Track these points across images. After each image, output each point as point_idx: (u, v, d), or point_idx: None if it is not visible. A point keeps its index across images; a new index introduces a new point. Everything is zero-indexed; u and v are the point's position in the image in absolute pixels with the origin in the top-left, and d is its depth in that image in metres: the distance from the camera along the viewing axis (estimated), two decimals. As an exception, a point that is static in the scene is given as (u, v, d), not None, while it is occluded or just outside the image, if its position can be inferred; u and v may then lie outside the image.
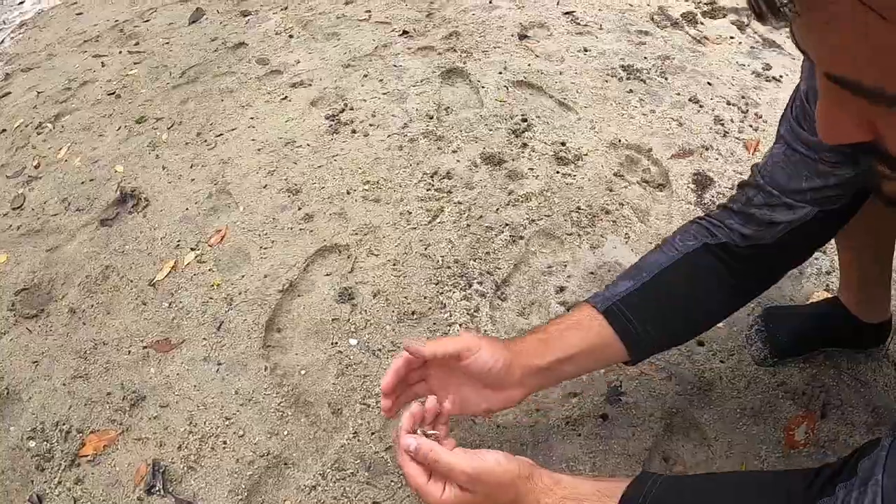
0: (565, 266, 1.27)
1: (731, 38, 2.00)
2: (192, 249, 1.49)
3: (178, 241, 1.51)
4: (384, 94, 1.74)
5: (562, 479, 0.70)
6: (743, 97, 1.75)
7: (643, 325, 0.79)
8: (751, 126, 1.66)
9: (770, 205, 0.76)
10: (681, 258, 0.80)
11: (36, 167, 1.95)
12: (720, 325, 1.25)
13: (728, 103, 1.72)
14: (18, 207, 1.85)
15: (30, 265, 1.59)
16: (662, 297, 0.81)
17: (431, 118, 1.63)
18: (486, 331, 1.20)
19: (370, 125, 1.64)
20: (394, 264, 1.31)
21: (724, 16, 2.12)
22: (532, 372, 0.79)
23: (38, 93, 2.33)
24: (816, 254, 1.38)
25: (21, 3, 3.45)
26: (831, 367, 1.15)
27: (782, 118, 0.78)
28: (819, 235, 0.82)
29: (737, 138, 1.61)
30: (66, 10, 3.01)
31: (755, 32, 2.07)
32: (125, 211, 1.67)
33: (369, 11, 2.12)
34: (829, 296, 1.27)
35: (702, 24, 2.05)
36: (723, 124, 1.64)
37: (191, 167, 1.69)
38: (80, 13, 2.87)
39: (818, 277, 1.34)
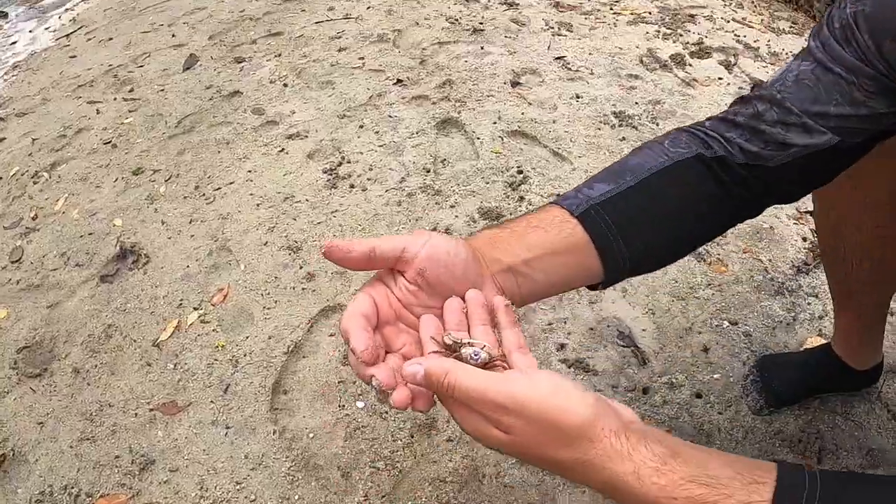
0: (565, 322, 1.34)
1: (720, 78, 2.09)
2: (194, 309, 1.53)
3: (181, 300, 1.56)
4: (380, 146, 1.81)
5: (680, 448, 0.48)
6: (731, 141, 1.83)
7: (624, 237, 0.67)
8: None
9: (785, 123, 0.69)
10: (671, 165, 0.70)
11: (33, 219, 2.00)
12: (716, 375, 1.31)
13: (717, 148, 1.80)
14: (17, 261, 1.89)
15: (31, 322, 1.64)
16: (649, 207, 0.69)
17: (428, 171, 1.69)
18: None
19: (368, 179, 1.71)
20: (396, 323, 1.37)
21: (711, 55, 2.22)
22: (500, 269, 0.63)
23: (34, 139, 2.39)
24: (809, 299, 1.46)
25: (13, 43, 3.52)
26: (826, 412, 1.22)
27: (814, 35, 0.72)
28: (831, 168, 0.74)
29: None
30: (60, 52, 3.07)
31: (742, 72, 2.16)
32: (125, 267, 1.72)
33: (363, 59, 2.19)
34: (823, 341, 1.33)
35: (690, 65, 2.14)
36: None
37: (190, 222, 1.74)
38: (74, 56, 2.93)
39: (811, 323, 1.41)
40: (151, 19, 2.97)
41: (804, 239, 1.58)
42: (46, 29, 3.39)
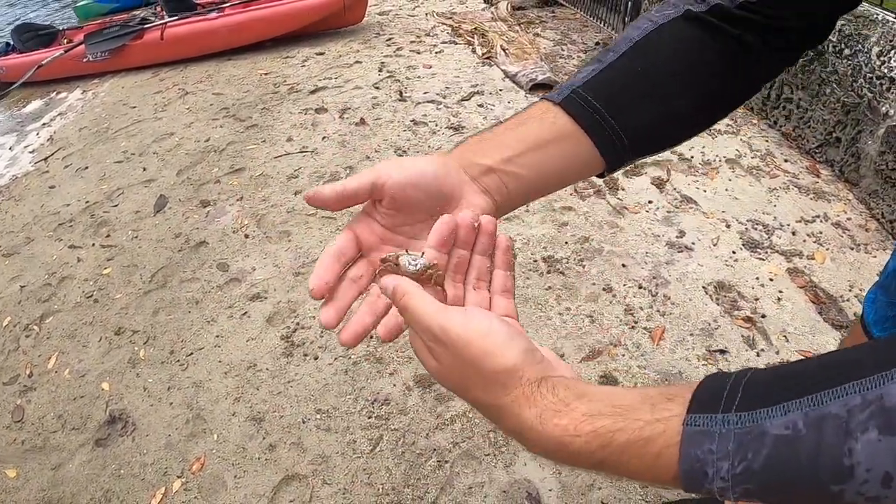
0: (482, 486, 1.74)
1: (650, 202, 2.48)
2: (178, 477, 1.96)
3: (166, 468, 1.99)
4: (331, 309, 2.23)
5: (589, 390, 0.49)
6: (654, 277, 2.22)
7: (613, 112, 0.66)
8: (658, 311, 2.13)
9: None
10: (654, 29, 0.69)
11: (29, 376, 2.46)
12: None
13: (640, 287, 2.19)
14: (19, 420, 2.34)
15: (38, 483, 2.07)
16: (635, 76, 0.68)
17: (371, 337, 2.09)
18: (419, 555, 1.68)
19: (319, 347, 2.12)
20: (344, 493, 1.79)
21: (644, 173, 2.61)
22: (482, 171, 0.65)
23: (22, 287, 2.85)
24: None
25: (-5, 159, 4.04)
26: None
27: None
28: None
29: (644, 328, 2.07)
30: (39, 179, 3.54)
31: (674, 188, 2.55)
32: (116, 433, 2.16)
33: (317, 203, 2.61)
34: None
35: (623, 188, 2.53)
36: (632, 314, 2.12)
37: (168, 389, 2.18)
38: (53, 186, 3.40)
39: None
40: (123, 145, 3.42)
41: (708, 378, 1.97)
42: (25, 148, 3.88)
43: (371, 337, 1.96)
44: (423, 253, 0.59)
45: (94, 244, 2.89)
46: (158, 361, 2.29)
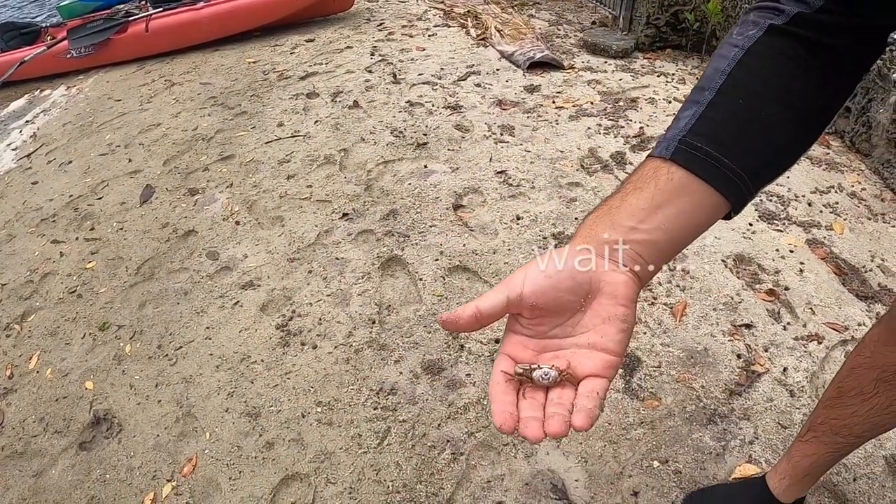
0: (502, 479, 1.56)
1: (658, 174, 2.30)
2: (167, 481, 1.77)
3: (155, 472, 1.80)
4: (328, 295, 2.04)
5: None
6: (669, 250, 2.05)
7: (727, 154, 0.64)
8: (678, 286, 1.96)
9: None
10: (743, 55, 0.67)
11: (9, 377, 2.25)
12: (649, 516, 1.53)
13: (653, 261, 2.01)
14: (-1, 426, 2.15)
15: (19, 492, 1.88)
16: (738, 111, 0.65)
17: (374, 323, 1.92)
18: (435, 558, 1.49)
19: (317, 335, 1.94)
20: (350, 492, 1.60)
21: (651, 147, 2.43)
22: (613, 248, 0.63)
23: (3, 285, 2.65)
24: (741, 423, 1.67)
25: (-26, 159, 3.80)
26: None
27: None
28: None
29: (665, 304, 1.90)
30: (22, 175, 3.33)
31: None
32: (101, 434, 1.97)
33: (311, 186, 2.42)
34: (753, 468, 1.55)
35: (630, 163, 2.35)
36: (651, 289, 1.94)
37: (156, 386, 1.98)
38: (36, 182, 3.19)
39: (741, 449, 1.62)
40: (108, 138, 3.21)
41: (738, 356, 1.79)
42: (8, 146, 3.66)
43: (373, 322, 1.77)
44: (552, 366, 0.60)
45: (77, 238, 2.69)
46: (145, 357, 2.09)
